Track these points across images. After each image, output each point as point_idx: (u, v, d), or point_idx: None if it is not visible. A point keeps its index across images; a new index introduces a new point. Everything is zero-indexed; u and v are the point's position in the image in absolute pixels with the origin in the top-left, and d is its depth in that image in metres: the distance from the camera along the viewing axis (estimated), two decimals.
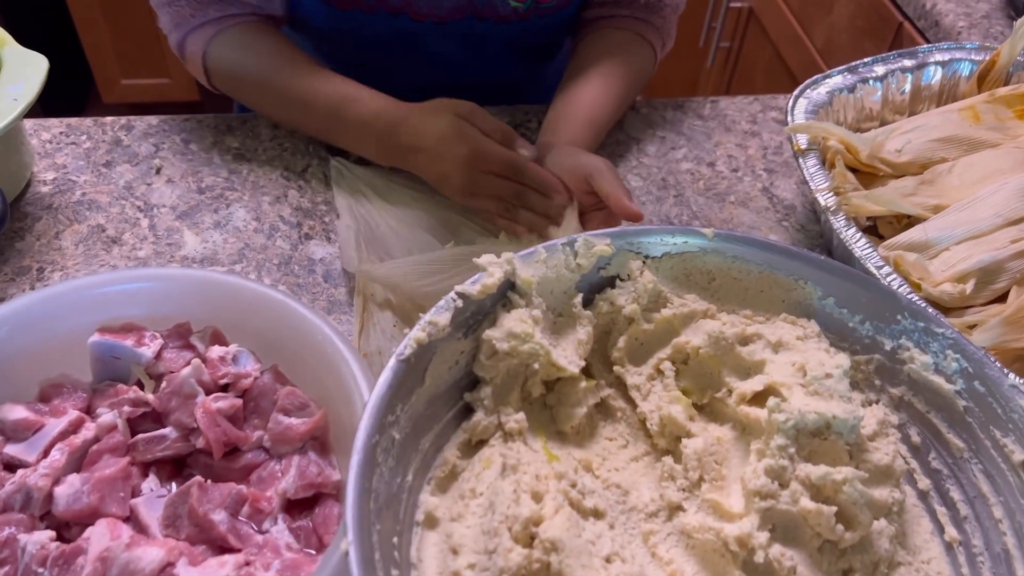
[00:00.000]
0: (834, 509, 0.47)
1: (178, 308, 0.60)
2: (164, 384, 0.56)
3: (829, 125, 0.79)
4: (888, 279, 0.67)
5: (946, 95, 0.90)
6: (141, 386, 0.58)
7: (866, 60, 0.89)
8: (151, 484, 0.54)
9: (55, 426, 0.54)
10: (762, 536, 0.46)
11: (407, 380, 0.48)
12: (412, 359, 0.48)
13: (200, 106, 2.48)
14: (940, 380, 0.52)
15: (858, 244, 0.71)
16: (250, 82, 0.86)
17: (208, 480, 0.53)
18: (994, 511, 0.49)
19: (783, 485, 0.48)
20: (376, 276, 0.73)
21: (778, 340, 0.55)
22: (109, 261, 0.78)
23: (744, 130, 0.97)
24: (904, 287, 0.67)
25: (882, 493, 0.49)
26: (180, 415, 0.55)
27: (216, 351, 0.57)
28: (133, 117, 0.94)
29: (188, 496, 0.51)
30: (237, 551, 0.50)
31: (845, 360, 0.53)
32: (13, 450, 0.53)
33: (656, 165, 0.92)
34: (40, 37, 2.34)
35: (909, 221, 0.77)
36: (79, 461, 0.54)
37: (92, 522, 0.50)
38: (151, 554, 0.47)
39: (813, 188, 0.76)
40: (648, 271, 0.57)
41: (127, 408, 0.55)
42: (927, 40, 1.28)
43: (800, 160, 0.79)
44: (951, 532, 0.51)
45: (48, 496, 0.51)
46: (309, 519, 0.53)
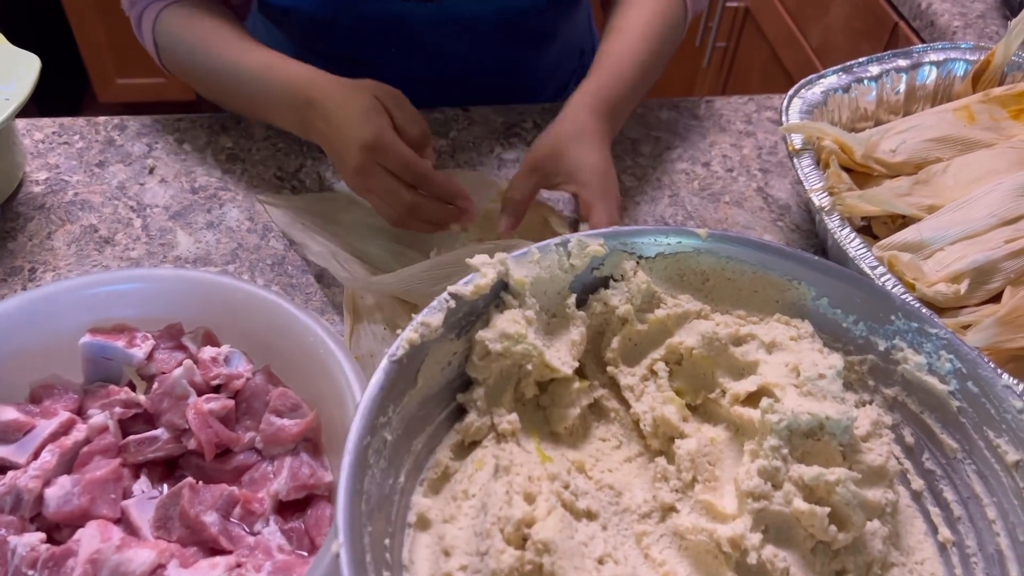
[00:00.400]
0: (827, 510, 0.47)
1: (170, 309, 0.59)
2: (156, 385, 0.56)
3: (823, 125, 0.79)
4: (882, 279, 0.67)
5: (941, 95, 0.90)
6: (133, 387, 0.58)
7: (861, 60, 0.89)
8: (142, 485, 0.54)
9: (46, 427, 0.54)
10: (755, 537, 0.46)
11: (399, 381, 0.48)
12: (404, 360, 0.48)
13: (195, 106, 2.47)
14: (934, 381, 0.52)
15: (852, 244, 0.71)
16: (186, 55, 0.84)
17: (200, 481, 0.53)
18: (987, 512, 0.49)
19: (776, 486, 0.48)
20: (385, 288, 0.72)
21: (772, 340, 0.55)
22: (101, 261, 0.78)
23: (739, 130, 0.97)
24: (898, 287, 0.67)
25: (875, 494, 0.49)
26: (172, 416, 0.54)
27: (208, 352, 0.57)
28: (126, 117, 0.93)
29: (179, 497, 0.51)
30: (228, 553, 0.50)
31: (838, 361, 0.53)
32: (3, 451, 0.53)
33: (651, 165, 0.92)
34: (35, 37, 2.33)
35: (904, 221, 0.77)
36: (70, 463, 0.53)
37: (83, 524, 0.50)
38: (142, 556, 0.47)
39: (807, 188, 0.76)
40: (642, 271, 0.57)
41: (118, 409, 0.55)
42: (922, 40, 1.28)
43: (795, 160, 0.79)
44: (945, 533, 0.51)
45: (39, 498, 0.51)
46: (301, 521, 0.53)
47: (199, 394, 0.56)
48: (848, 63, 0.88)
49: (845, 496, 0.47)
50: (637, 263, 0.57)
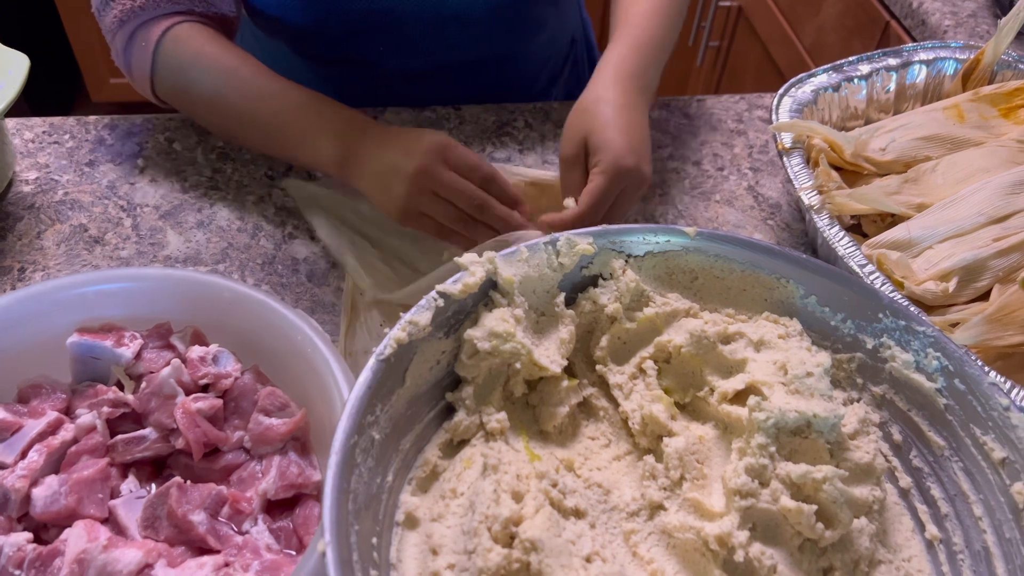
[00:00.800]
0: (814, 508, 0.47)
1: (158, 308, 0.59)
2: (144, 385, 0.56)
3: (813, 124, 0.80)
4: (871, 277, 0.67)
5: (931, 94, 0.90)
6: (121, 387, 0.58)
7: (851, 59, 0.89)
8: (130, 485, 0.54)
9: (33, 427, 0.54)
10: (742, 535, 0.46)
11: (387, 380, 0.48)
12: (392, 359, 0.48)
13: None
14: (921, 378, 0.52)
15: (841, 243, 0.71)
16: (201, 78, 0.79)
17: (188, 481, 0.52)
18: (974, 509, 0.49)
19: (763, 484, 0.48)
20: (396, 300, 0.73)
21: (760, 339, 0.55)
22: (91, 261, 0.77)
23: (730, 129, 0.97)
24: (887, 285, 0.67)
25: (862, 491, 0.49)
26: (160, 416, 0.54)
27: (196, 351, 0.57)
28: (116, 116, 0.93)
29: (167, 497, 0.51)
30: (216, 552, 0.50)
31: (826, 359, 0.53)
32: None
33: None
34: (28, 37, 2.34)
35: (893, 220, 0.77)
36: (57, 462, 0.53)
37: (70, 524, 0.50)
38: (129, 556, 0.47)
39: (797, 187, 0.76)
40: (631, 270, 0.57)
41: (106, 409, 0.55)
42: (914, 39, 1.28)
43: (784, 159, 0.79)
44: (932, 530, 0.51)
45: (26, 498, 0.51)
46: (289, 520, 0.53)
47: (187, 393, 0.55)
48: (838, 62, 0.88)
49: (832, 494, 0.47)
50: (626, 262, 0.57)
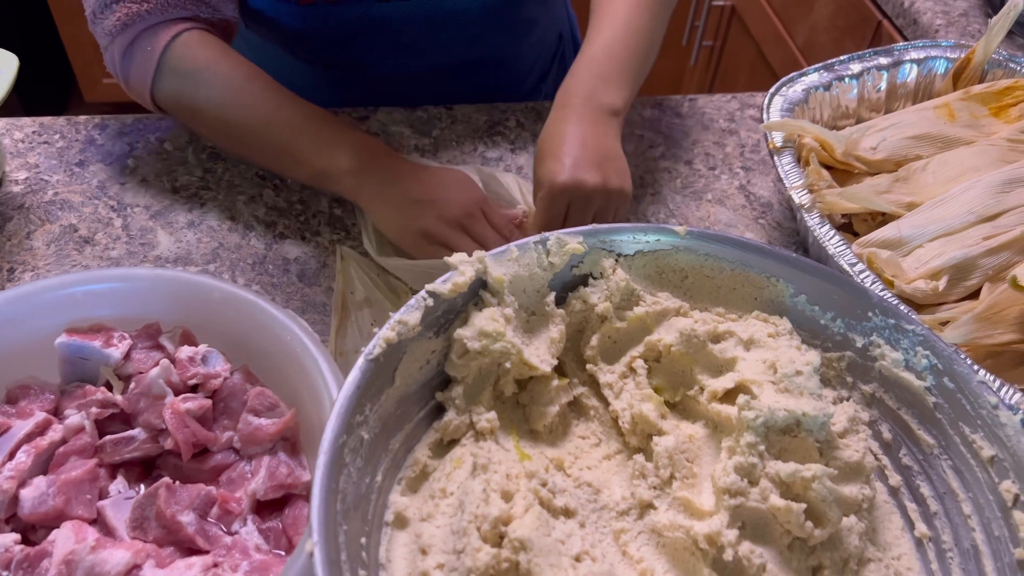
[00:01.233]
0: (803, 506, 0.47)
1: (147, 308, 0.59)
2: (133, 385, 0.55)
3: (804, 123, 0.80)
4: (861, 276, 0.67)
5: (922, 93, 0.90)
6: (110, 387, 0.58)
7: (842, 58, 0.89)
8: (119, 486, 0.53)
9: (21, 428, 0.53)
10: (731, 534, 0.46)
11: (376, 380, 0.48)
12: (381, 358, 0.48)
13: None
14: (911, 377, 0.52)
15: (832, 241, 0.71)
16: (211, 88, 0.78)
17: (177, 481, 0.52)
18: (963, 507, 0.49)
19: (753, 482, 0.48)
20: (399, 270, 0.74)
21: (750, 337, 0.55)
22: (81, 261, 0.77)
23: (722, 128, 0.97)
24: (877, 284, 0.67)
25: (852, 490, 0.49)
26: (149, 416, 0.54)
27: (185, 351, 0.57)
28: (107, 116, 0.93)
29: (156, 498, 0.50)
30: (205, 553, 0.50)
31: (816, 357, 0.53)
32: None
33: (634, 163, 0.92)
34: (22, 37, 2.33)
35: (884, 218, 0.77)
36: (46, 463, 0.53)
37: (58, 525, 0.50)
38: (117, 556, 0.47)
39: (788, 186, 0.76)
40: (621, 269, 0.57)
41: (95, 409, 0.55)
42: (905, 38, 1.28)
43: (775, 158, 0.79)
44: (921, 528, 0.51)
45: (14, 498, 0.51)
46: (279, 520, 0.53)
47: (176, 394, 0.55)
48: (829, 61, 0.89)
49: (821, 492, 0.47)
50: (616, 261, 0.57)
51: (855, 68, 0.88)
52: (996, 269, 0.70)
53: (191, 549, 0.50)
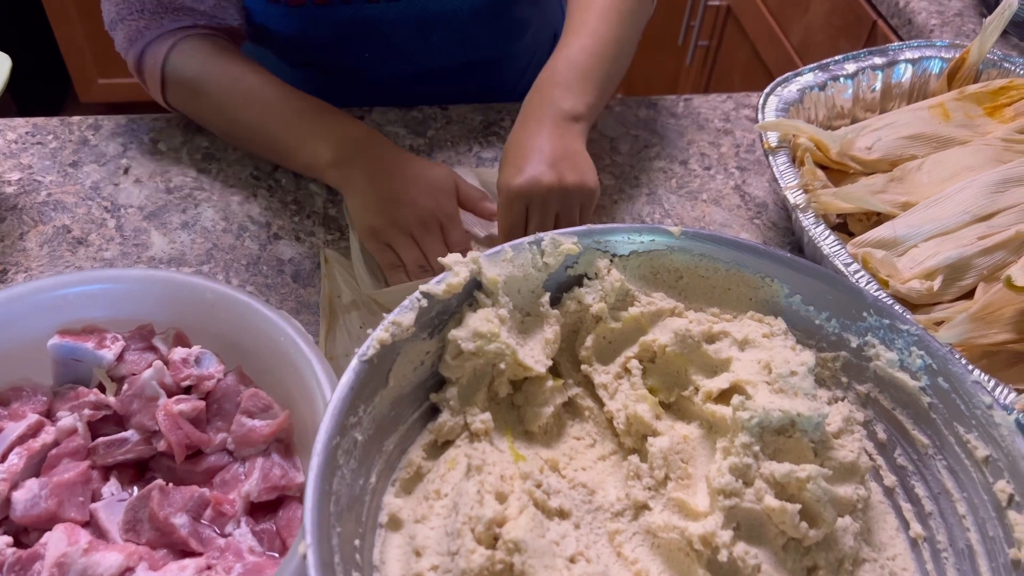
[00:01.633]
0: (798, 507, 0.47)
1: (140, 309, 0.59)
2: (126, 387, 0.55)
3: (799, 123, 0.80)
4: (856, 276, 0.67)
5: (916, 93, 0.90)
6: (103, 389, 0.57)
7: (837, 58, 0.89)
8: (112, 488, 0.53)
9: (13, 430, 0.53)
10: (726, 534, 0.46)
11: (370, 381, 0.48)
12: (375, 360, 0.48)
13: None
14: (905, 377, 0.52)
15: (827, 241, 0.71)
16: (210, 87, 0.82)
17: (170, 483, 0.52)
18: (958, 507, 0.49)
19: (747, 483, 0.48)
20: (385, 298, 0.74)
21: (744, 338, 0.55)
22: (75, 262, 0.77)
23: (717, 128, 0.97)
24: (872, 284, 0.67)
25: (846, 490, 0.49)
26: (142, 418, 0.54)
27: (179, 353, 0.57)
28: (101, 116, 0.92)
29: (149, 500, 0.50)
30: (199, 555, 0.50)
31: (810, 357, 0.53)
32: None
33: (629, 163, 0.91)
34: (17, 38, 2.32)
35: (879, 218, 0.77)
36: (38, 465, 0.53)
37: (50, 527, 0.49)
38: (109, 559, 0.47)
39: (783, 186, 0.76)
40: (615, 269, 0.57)
41: (88, 411, 0.55)
42: (900, 38, 1.28)
43: (770, 158, 0.79)
44: (916, 528, 0.51)
45: (6, 501, 0.50)
46: (272, 522, 0.53)
47: (169, 395, 0.55)
48: (824, 61, 0.89)
49: (816, 493, 0.47)
50: (611, 261, 0.57)
51: (850, 68, 0.88)
52: (991, 269, 0.70)
53: (184, 551, 0.50)
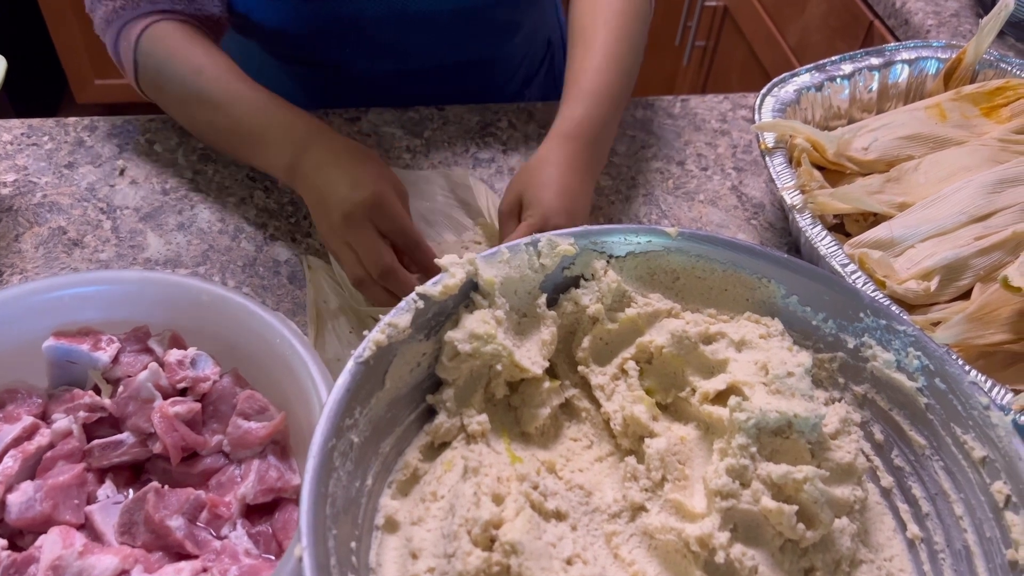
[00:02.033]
0: (795, 508, 0.47)
1: (136, 311, 0.59)
2: (121, 389, 0.55)
3: (795, 123, 0.80)
4: (853, 277, 0.67)
5: (913, 93, 0.90)
6: (98, 391, 0.57)
7: (834, 58, 0.89)
8: (107, 490, 0.53)
9: (8, 432, 0.53)
10: (723, 536, 0.46)
11: (366, 383, 0.47)
12: (371, 361, 0.47)
13: None
14: (902, 377, 0.52)
15: (823, 242, 0.71)
16: (171, 79, 0.79)
17: (166, 486, 0.52)
18: (955, 508, 0.49)
19: (744, 484, 0.48)
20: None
21: (741, 339, 0.55)
22: (70, 264, 0.77)
23: (714, 129, 0.97)
24: (869, 285, 0.67)
25: (843, 491, 0.49)
26: (137, 420, 0.54)
27: (174, 355, 0.56)
28: (97, 118, 0.92)
29: (144, 502, 0.50)
30: (194, 557, 0.49)
31: (807, 358, 0.53)
32: None
33: (626, 164, 0.91)
34: (13, 38, 2.32)
35: (875, 219, 0.77)
36: (33, 468, 0.53)
37: (45, 530, 0.49)
38: (105, 562, 0.46)
39: (779, 186, 0.76)
40: (612, 271, 0.57)
41: (83, 413, 0.55)
42: (897, 38, 1.28)
43: (767, 158, 0.79)
44: (913, 529, 0.51)
45: (0, 504, 0.50)
46: (269, 524, 0.53)
47: (165, 397, 0.55)
48: (821, 61, 0.89)
49: (813, 494, 0.47)
50: (607, 262, 0.57)
51: (847, 68, 0.88)
52: (987, 269, 0.70)
53: (180, 554, 0.50)
